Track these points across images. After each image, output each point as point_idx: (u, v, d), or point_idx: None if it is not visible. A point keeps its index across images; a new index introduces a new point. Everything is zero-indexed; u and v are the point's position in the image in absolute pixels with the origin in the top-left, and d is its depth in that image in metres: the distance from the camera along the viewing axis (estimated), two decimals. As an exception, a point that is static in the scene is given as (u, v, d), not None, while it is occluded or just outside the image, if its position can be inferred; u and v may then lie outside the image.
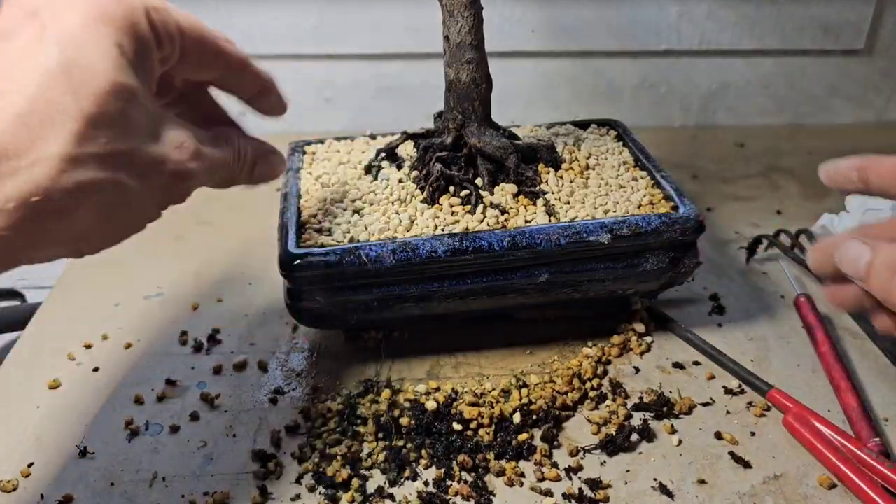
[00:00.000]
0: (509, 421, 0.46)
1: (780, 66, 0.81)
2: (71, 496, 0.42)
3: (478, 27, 0.48)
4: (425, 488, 0.42)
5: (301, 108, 0.82)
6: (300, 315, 0.48)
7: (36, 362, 0.52)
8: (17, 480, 0.43)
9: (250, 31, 0.76)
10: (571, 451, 0.44)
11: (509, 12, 0.75)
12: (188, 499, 0.42)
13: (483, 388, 0.48)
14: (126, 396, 0.49)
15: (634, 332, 0.53)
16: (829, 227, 0.58)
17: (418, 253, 0.45)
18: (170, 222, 0.68)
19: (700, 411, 0.47)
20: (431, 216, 0.48)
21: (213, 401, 0.48)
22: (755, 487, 0.42)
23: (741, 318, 0.55)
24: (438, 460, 0.44)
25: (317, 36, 0.77)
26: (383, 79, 0.80)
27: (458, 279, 0.47)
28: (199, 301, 0.58)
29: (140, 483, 0.43)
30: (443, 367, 0.51)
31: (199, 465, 0.44)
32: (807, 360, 0.51)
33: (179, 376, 0.51)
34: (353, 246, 0.45)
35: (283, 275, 0.46)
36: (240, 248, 0.64)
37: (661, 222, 0.47)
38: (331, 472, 0.43)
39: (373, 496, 0.42)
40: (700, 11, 0.76)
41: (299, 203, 0.51)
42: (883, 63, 0.81)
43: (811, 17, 0.78)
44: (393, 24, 0.77)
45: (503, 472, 0.43)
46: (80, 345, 0.53)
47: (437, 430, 0.45)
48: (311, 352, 0.53)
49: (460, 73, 0.49)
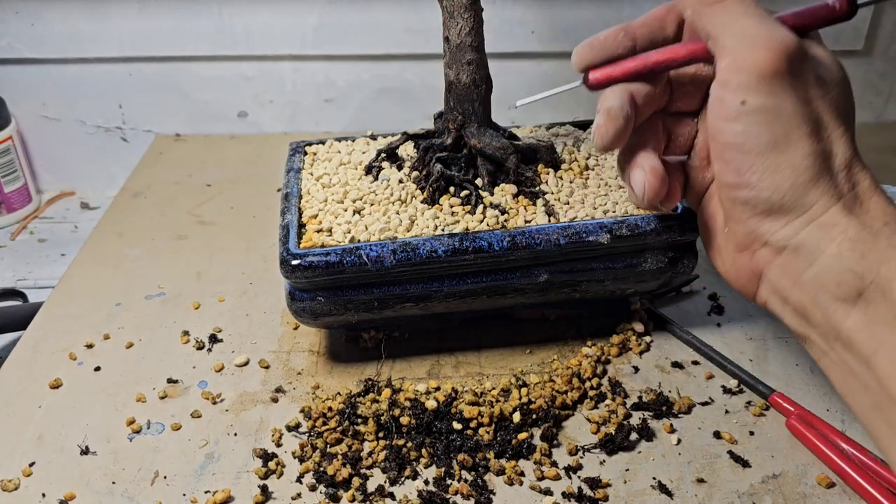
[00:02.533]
0: (509, 420, 0.46)
1: (779, 67, 0.81)
2: (72, 495, 0.42)
3: (478, 28, 0.48)
4: (425, 487, 0.43)
5: (302, 109, 0.83)
6: (301, 314, 0.48)
7: (37, 362, 0.52)
8: (18, 479, 0.43)
9: (251, 32, 0.77)
10: (571, 450, 0.45)
11: (509, 13, 0.75)
12: (189, 497, 0.42)
13: (483, 388, 0.49)
14: (127, 395, 0.49)
15: (633, 331, 0.53)
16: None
17: (418, 253, 0.45)
18: (171, 222, 0.68)
19: (699, 410, 0.47)
20: (431, 216, 0.48)
21: (214, 400, 0.49)
22: (754, 486, 0.42)
23: (740, 318, 0.55)
24: (438, 459, 0.44)
25: (317, 37, 0.77)
26: (384, 80, 0.80)
27: (458, 279, 0.47)
28: (200, 300, 0.58)
29: (141, 482, 0.43)
30: (443, 367, 0.51)
31: (200, 464, 0.44)
32: (805, 360, 0.51)
33: (181, 375, 0.51)
34: (354, 246, 0.45)
35: (284, 274, 0.46)
36: (241, 247, 0.65)
37: (660, 222, 0.47)
38: (331, 471, 0.43)
39: (373, 495, 0.42)
40: (699, 12, 0.76)
41: (300, 203, 0.51)
42: (881, 64, 0.81)
43: (810, 18, 0.78)
44: (393, 25, 0.77)
45: (503, 470, 0.43)
46: (81, 344, 0.54)
47: (438, 429, 0.45)
48: (312, 351, 0.53)
49: (460, 74, 0.49)
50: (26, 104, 0.79)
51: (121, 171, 0.80)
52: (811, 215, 0.34)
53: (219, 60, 0.79)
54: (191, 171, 0.77)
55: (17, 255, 0.72)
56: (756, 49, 0.34)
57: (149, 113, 0.82)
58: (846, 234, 0.33)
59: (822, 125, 0.35)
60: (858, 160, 0.35)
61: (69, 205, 0.81)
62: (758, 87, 0.34)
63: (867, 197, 0.35)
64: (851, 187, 0.35)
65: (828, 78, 0.35)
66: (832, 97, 0.35)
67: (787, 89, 0.34)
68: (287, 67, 0.80)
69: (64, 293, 0.59)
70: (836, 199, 0.34)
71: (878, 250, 0.33)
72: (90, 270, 0.62)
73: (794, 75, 0.34)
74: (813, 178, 0.34)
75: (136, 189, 0.74)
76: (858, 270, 0.33)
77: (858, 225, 0.34)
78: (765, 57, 0.34)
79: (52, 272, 0.69)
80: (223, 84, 0.80)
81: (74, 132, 0.82)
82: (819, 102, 0.35)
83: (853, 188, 0.35)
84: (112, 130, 0.82)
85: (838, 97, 0.35)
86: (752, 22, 0.34)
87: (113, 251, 0.64)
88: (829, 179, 0.34)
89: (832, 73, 0.35)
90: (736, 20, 0.35)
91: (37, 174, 0.83)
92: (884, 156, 0.78)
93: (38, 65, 0.78)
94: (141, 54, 0.78)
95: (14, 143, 0.76)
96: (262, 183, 0.74)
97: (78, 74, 0.78)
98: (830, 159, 0.34)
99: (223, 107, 0.82)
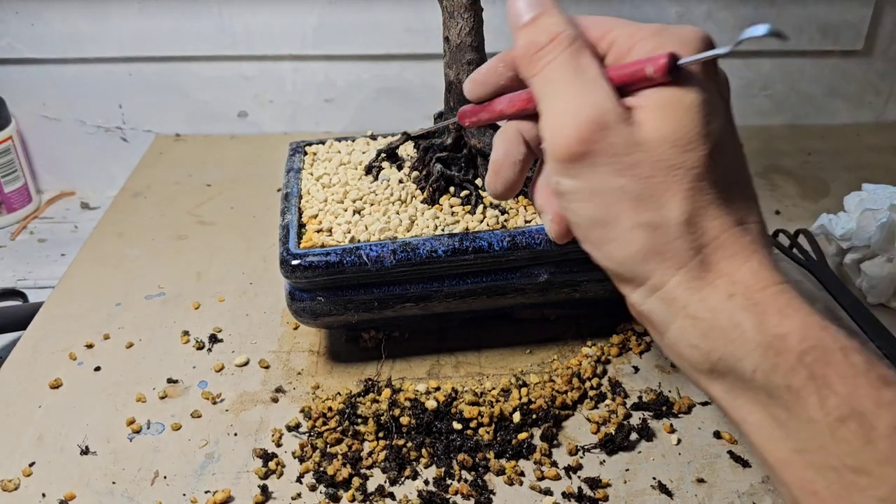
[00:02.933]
0: (509, 420, 0.46)
1: (778, 67, 0.81)
2: (72, 495, 0.42)
3: (478, 28, 0.48)
4: (425, 487, 0.43)
5: (302, 109, 0.83)
6: (301, 314, 0.48)
7: (37, 362, 0.52)
8: (18, 479, 0.43)
9: (251, 32, 0.77)
10: (571, 450, 0.45)
11: (509, 13, 0.75)
12: (189, 497, 0.42)
13: (483, 388, 0.49)
14: (127, 395, 0.49)
15: (633, 331, 0.53)
16: (828, 227, 0.59)
17: (418, 253, 0.45)
18: (171, 222, 0.68)
19: (699, 410, 0.47)
20: (431, 216, 0.48)
21: (214, 400, 0.49)
22: (754, 486, 0.42)
23: (740, 318, 0.55)
24: (438, 459, 0.44)
25: (317, 37, 0.77)
26: (384, 80, 0.80)
27: (458, 279, 0.47)
28: (200, 300, 0.58)
29: (142, 482, 0.43)
30: (443, 367, 0.51)
31: (200, 464, 0.44)
32: (805, 360, 0.51)
33: (181, 375, 0.51)
34: (354, 246, 0.45)
35: (284, 274, 0.46)
36: (241, 247, 0.65)
37: (661, 222, 0.47)
38: (331, 471, 0.43)
39: (373, 495, 0.42)
40: (699, 12, 0.77)
41: (300, 203, 0.51)
42: (881, 64, 0.81)
43: (810, 18, 0.78)
44: (393, 25, 0.77)
45: (503, 470, 0.43)
46: (81, 344, 0.54)
47: (438, 429, 0.45)
48: (312, 351, 0.53)
49: (461, 74, 0.49)
50: (26, 104, 0.79)
51: (121, 171, 0.80)
52: (651, 287, 0.32)
53: (219, 60, 0.79)
54: (191, 171, 0.77)
55: (18, 255, 0.72)
56: (559, 131, 0.32)
57: (149, 113, 0.82)
58: (686, 310, 0.31)
59: (647, 195, 0.31)
60: (715, 219, 0.31)
61: (69, 205, 0.81)
62: (564, 170, 0.32)
63: (718, 261, 0.31)
64: (695, 253, 0.31)
65: (650, 140, 0.31)
66: (660, 160, 0.31)
67: (596, 168, 0.31)
68: (287, 67, 0.80)
69: (64, 293, 0.59)
70: (674, 268, 0.31)
71: (719, 329, 0.30)
72: (90, 270, 0.62)
73: (602, 154, 0.31)
74: (642, 251, 0.32)
75: (136, 189, 0.74)
76: (703, 348, 0.30)
77: (698, 301, 0.31)
78: (566, 142, 0.31)
79: (52, 272, 0.68)
80: (223, 84, 0.80)
81: (74, 132, 0.82)
82: (643, 169, 0.31)
83: (698, 253, 0.31)
84: (112, 130, 0.82)
85: (675, 156, 0.31)
86: (565, 90, 0.32)
87: (113, 251, 0.64)
88: (664, 250, 0.31)
89: (661, 133, 0.31)
90: (552, 82, 0.32)
91: (37, 174, 0.83)
92: (884, 156, 0.78)
93: (38, 65, 0.78)
94: (141, 54, 0.78)
95: (14, 143, 0.76)
96: (263, 183, 0.74)
97: (78, 74, 0.78)
98: (662, 229, 0.31)
99: (223, 107, 0.82)
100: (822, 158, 0.77)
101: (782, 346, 0.29)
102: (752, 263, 0.31)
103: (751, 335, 0.30)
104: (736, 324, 0.30)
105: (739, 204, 0.32)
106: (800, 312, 0.30)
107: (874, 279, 0.56)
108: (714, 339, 0.31)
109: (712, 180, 0.31)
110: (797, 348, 0.29)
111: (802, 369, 0.28)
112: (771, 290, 0.30)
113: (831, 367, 0.28)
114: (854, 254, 0.57)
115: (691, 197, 0.31)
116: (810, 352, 0.28)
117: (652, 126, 0.31)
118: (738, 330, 0.30)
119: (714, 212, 0.31)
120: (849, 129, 0.84)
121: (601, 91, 0.32)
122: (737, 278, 0.31)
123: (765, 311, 0.30)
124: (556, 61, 0.33)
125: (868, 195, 0.58)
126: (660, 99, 0.32)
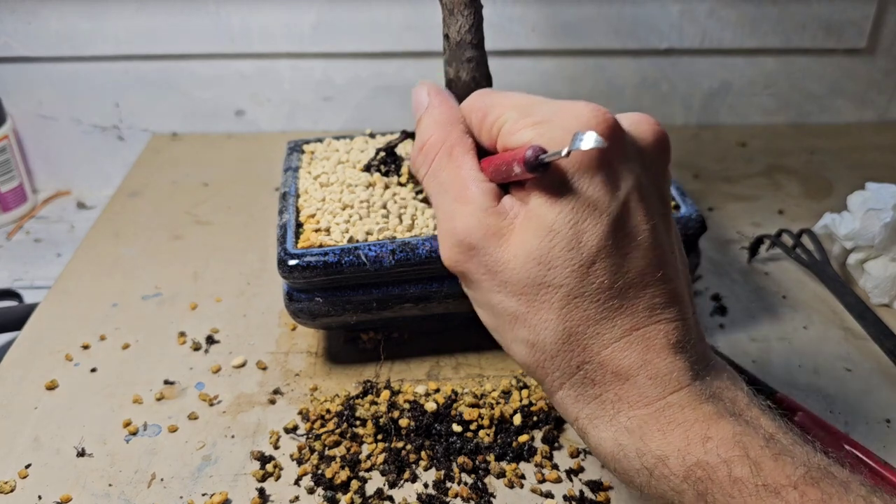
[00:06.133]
0: (510, 422, 0.45)
1: (781, 65, 0.81)
2: (69, 497, 0.42)
3: (478, 25, 0.48)
4: (425, 490, 0.42)
5: (299, 107, 0.82)
6: (299, 315, 0.47)
7: (33, 363, 0.52)
8: (14, 481, 0.43)
9: (248, 30, 0.76)
10: (572, 452, 0.44)
11: (510, 11, 0.75)
12: (186, 500, 0.42)
13: (483, 390, 0.48)
14: (124, 397, 0.49)
15: (635, 332, 0.53)
16: (831, 226, 0.58)
17: (418, 253, 0.45)
18: (168, 222, 0.68)
19: (702, 412, 0.47)
20: (431, 216, 0.48)
21: (211, 401, 0.48)
22: (757, 489, 0.42)
23: (743, 319, 0.55)
24: (438, 462, 0.43)
25: (315, 34, 0.77)
26: (382, 77, 0.80)
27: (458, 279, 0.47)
28: (197, 301, 0.57)
29: (138, 484, 0.43)
30: (442, 368, 0.51)
31: (197, 466, 0.44)
32: (808, 361, 0.50)
33: (178, 377, 0.50)
34: (352, 246, 0.45)
35: (282, 275, 0.45)
36: (238, 247, 0.64)
37: (663, 222, 0.47)
38: (330, 474, 0.42)
39: (372, 498, 0.42)
40: (702, 10, 0.76)
41: (298, 202, 0.50)
42: (885, 62, 0.81)
43: (813, 16, 0.77)
44: (392, 22, 0.76)
45: (503, 473, 0.43)
46: (77, 345, 0.53)
47: (437, 431, 0.45)
48: (310, 352, 0.52)
49: (460, 71, 0.48)
50: (22, 103, 0.79)
51: (117, 170, 0.80)
52: (547, 391, 0.33)
53: (216, 58, 0.78)
54: (188, 170, 0.76)
55: (13, 256, 0.71)
56: (440, 250, 0.34)
57: (145, 111, 0.81)
58: (577, 423, 0.32)
59: (521, 313, 0.31)
60: (597, 336, 0.30)
61: (65, 204, 0.80)
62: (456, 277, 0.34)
63: (603, 376, 0.30)
64: (576, 370, 0.30)
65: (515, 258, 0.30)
66: (527, 277, 0.30)
67: (475, 284, 0.33)
68: (285, 65, 0.79)
69: (60, 294, 0.59)
70: (559, 382, 0.31)
71: (604, 448, 0.30)
72: (86, 271, 0.61)
73: (475, 273, 0.32)
74: (526, 364, 0.32)
75: (132, 188, 0.74)
76: (599, 456, 0.31)
77: (585, 418, 0.31)
78: (445, 261, 0.34)
79: (48, 272, 0.68)
80: (220, 82, 0.80)
81: (70, 131, 0.81)
82: (514, 287, 0.31)
83: (579, 370, 0.30)
84: (108, 129, 0.82)
85: (542, 274, 0.30)
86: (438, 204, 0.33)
87: (109, 251, 0.64)
88: (545, 366, 0.31)
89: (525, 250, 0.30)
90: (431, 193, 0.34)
91: (33, 173, 0.82)
92: (887, 154, 0.78)
93: (34, 63, 0.77)
94: (137, 52, 0.77)
95: (10, 142, 0.75)
96: (260, 182, 0.73)
97: (74, 73, 0.78)
98: (538, 347, 0.31)
99: (220, 105, 0.82)
100: (825, 157, 0.77)
101: (664, 468, 0.28)
102: (639, 378, 0.29)
103: (633, 458, 0.29)
104: (620, 445, 0.30)
105: (641, 306, 0.30)
106: (682, 427, 0.29)
107: (878, 279, 0.55)
108: (604, 456, 0.31)
109: (593, 292, 0.29)
110: (680, 469, 0.28)
111: (689, 489, 0.28)
112: (655, 406, 0.29)
113: (715, 484, 0.27)
114: (858, 254, 0.57)
115: (565, 316, 0.30)
116: (695, 469, 0.28)
117: (518, 241, 0.30)
118: (622, 451, 0.30)
119: (595, 328, 0.30)
120: (852, 127, 0.83)
121: (471, 205, 0.32)
122: (621, 394, 0.30)
123: (645, 433, 0.29)
124: (431, 170, 0.34)
125: (872, 194, 0.57)
126: (532, 205, 0.30)
